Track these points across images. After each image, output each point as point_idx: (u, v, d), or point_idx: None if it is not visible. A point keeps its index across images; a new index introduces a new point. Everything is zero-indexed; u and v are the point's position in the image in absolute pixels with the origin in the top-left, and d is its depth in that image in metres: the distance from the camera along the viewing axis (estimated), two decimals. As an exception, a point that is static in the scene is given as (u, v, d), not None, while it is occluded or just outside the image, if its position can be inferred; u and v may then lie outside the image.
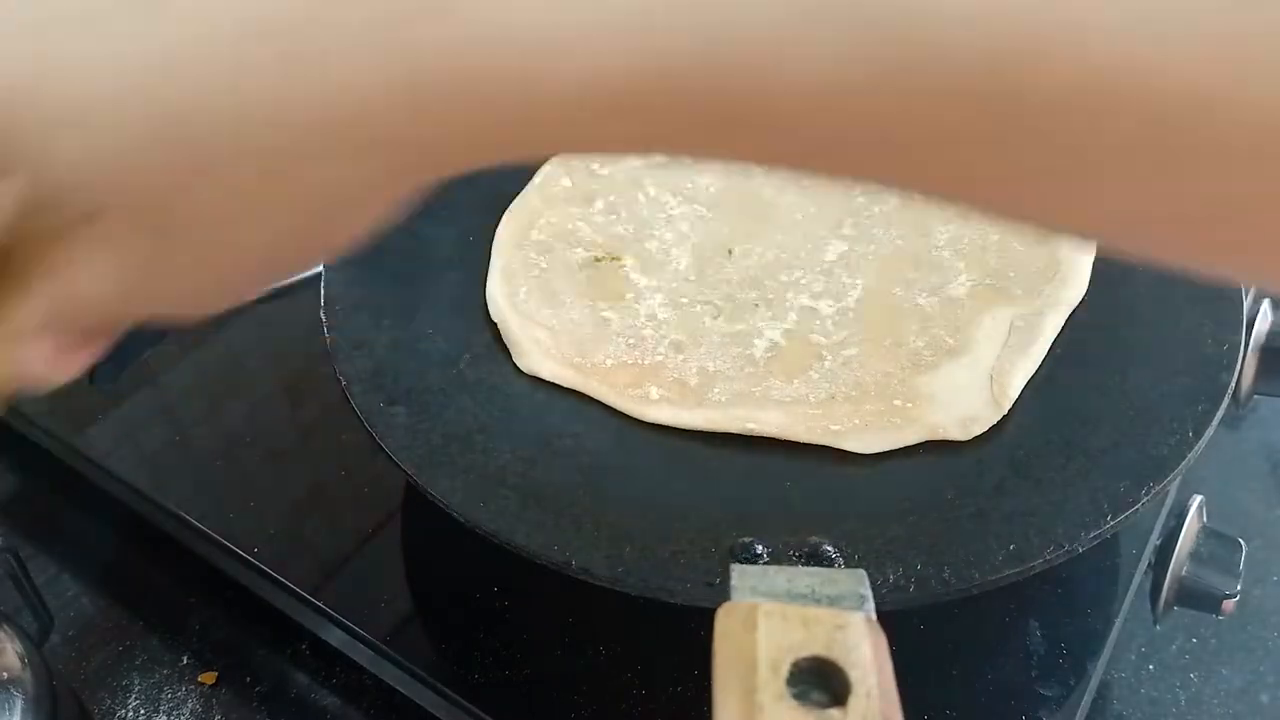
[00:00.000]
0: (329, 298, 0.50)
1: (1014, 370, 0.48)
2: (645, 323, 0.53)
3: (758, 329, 0.52)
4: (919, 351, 0.50)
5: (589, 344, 0.52)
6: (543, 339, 0.51)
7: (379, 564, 0.50)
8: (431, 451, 0.44)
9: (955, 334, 0.51)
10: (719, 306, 0.54)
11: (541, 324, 0.52)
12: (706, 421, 0.48)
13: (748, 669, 0.28)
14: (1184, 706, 0.51)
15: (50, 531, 0.58)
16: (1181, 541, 0.49)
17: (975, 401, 0.47)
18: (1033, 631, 0.46)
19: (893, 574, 0.38)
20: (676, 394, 0.49)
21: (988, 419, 0.47)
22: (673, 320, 0.53)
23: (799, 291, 0.54)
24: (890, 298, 0.53)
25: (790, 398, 0.49)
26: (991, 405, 0.47)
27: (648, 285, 0.55)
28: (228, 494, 0.54)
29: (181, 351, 0.63)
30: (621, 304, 0.54)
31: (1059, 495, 0.41)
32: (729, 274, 0.55)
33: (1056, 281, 0.52)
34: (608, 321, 0.53)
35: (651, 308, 0.54)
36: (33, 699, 0.43)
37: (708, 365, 0.51)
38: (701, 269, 0.56)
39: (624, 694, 0.45)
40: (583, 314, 0.53)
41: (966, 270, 0.54)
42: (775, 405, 0.48)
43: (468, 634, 0.47)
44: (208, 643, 0.52)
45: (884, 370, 0.50)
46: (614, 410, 0.49)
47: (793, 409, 0.48)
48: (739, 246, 0.57)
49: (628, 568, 0.39)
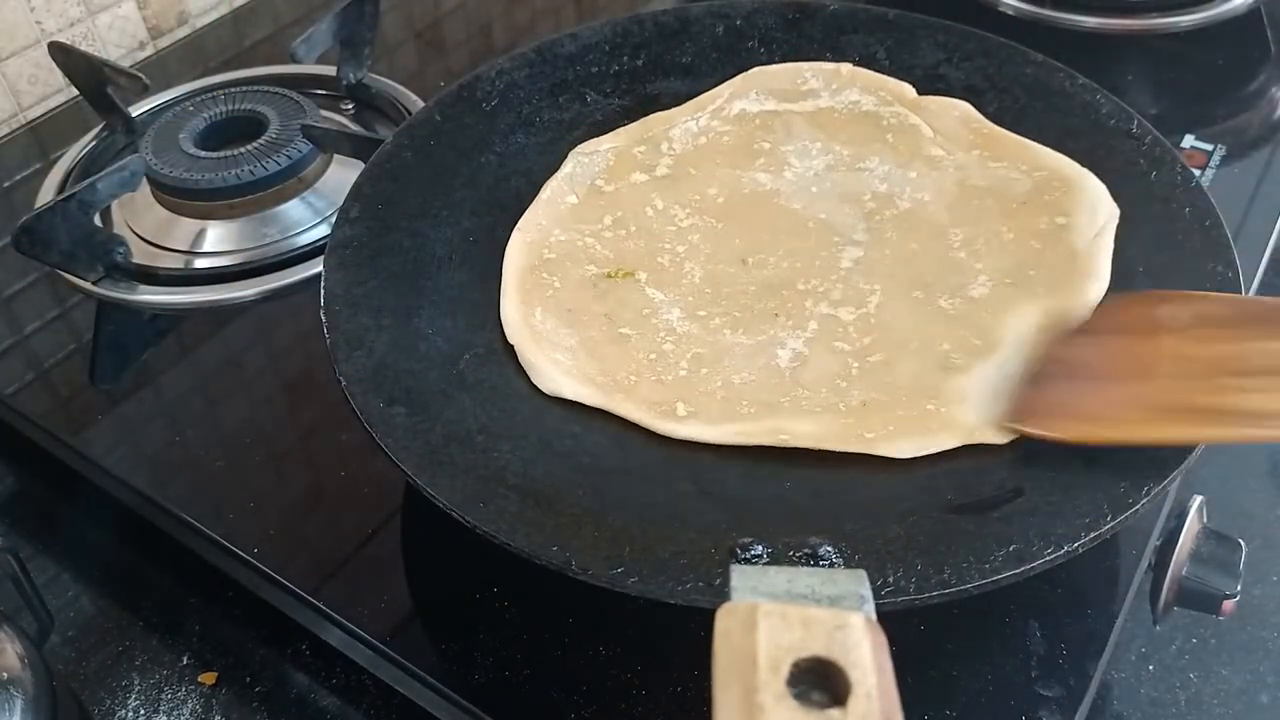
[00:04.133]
0: (329, 298, 0.50)
1: None
2: (665, 337, 0.52)
3: (779, 339, 0.51)
4: (947, 354, 0.50)
5: (611, 362, 0.51)
6: (562, 360, 0.50)
7: (379, 564, 0.50)
8: (431, 451, 0.44)
9: (982, 335, 0.50)
10: (738, 318, 0.53)
11: (560, 344, 0.51)
12: (737, 436, 0.47)
13: (748, 669, 0.28)
14: (1184, 706, 0.51)
15: (50, 531, 0.58)
16: (1181, 542, 0.49)
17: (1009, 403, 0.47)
18: (1033, 631, 0.46)
19: (893, 574, 0.38)
20: (704, 409, 0.48)
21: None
22: (693, 334, 0.52)
23: (818, 300, 0.53)
24: (911, 301, 0.52)
25: (820, 407, 0.48)
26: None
27: (663, 299, 0.54)
28: (228, 494, 0.54)
29: (181, 351, 0.63)
30: (639, 319, 0.53)
31: (1059, 495, 0.41)
32: (745, 285, 0.54)
33: (1078, 278, 0.51)
34: (627, 338, 0.52)
35: (669, 322, 0.53)
36: (32, 699, 0.43)
37: (733, 378, 0.50)
38: (716, 281, 0.55)
39: (624, 694, 0.45)
40: (601, 331, 0.52)
41: (985, 270, 0.53)
42: (806, 415, 0.48)
43: (468, 634, 0.47)
44: (208, 643, 0.52)
45: (913, 374, 0.49)
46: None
47: (823, 418, 0.47)
48: (753, 256, 0.56)
49: (628, 568, 0.39)
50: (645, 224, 0.58)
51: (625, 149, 0.62)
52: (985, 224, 0.56)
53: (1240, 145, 0.71)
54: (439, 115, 0.61)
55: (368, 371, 0.47)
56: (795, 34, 0.66)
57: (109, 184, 0.65)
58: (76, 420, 0.59)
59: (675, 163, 0.61)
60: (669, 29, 0.66)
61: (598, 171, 0.61)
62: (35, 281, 0.68)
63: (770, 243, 0.57)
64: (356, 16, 0.79)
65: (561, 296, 0.54)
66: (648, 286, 0.55)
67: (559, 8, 0.97)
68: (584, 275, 0.55)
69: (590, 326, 0.52)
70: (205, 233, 0.69)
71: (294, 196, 0.70)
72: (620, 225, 0.58)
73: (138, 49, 0.91)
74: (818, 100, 0.64)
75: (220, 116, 0.74)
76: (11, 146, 0.81)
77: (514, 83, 0.63)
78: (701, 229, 0.58)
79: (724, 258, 0.56)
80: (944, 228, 0.56)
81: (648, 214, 0.59)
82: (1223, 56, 0.80)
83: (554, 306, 0.53)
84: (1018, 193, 0.57)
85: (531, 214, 0.58)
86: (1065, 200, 0.56)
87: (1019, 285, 0.52)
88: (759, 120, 0.63)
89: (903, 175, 0.59)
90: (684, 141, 0.62)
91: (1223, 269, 0.48)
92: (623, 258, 0.56)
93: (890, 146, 0.61)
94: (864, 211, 0.58)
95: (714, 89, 0.65)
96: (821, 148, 0.62)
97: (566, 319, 0.53)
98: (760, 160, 0.61)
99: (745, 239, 0.57)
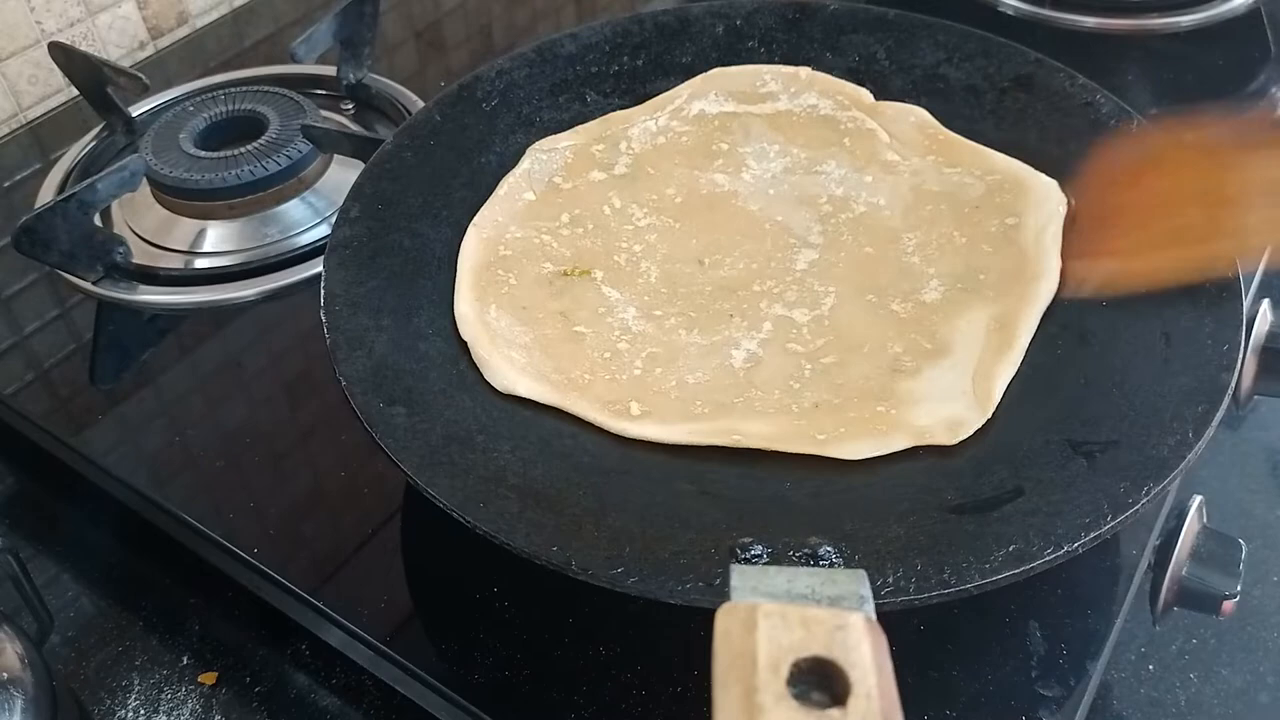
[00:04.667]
0: (329, 298, 0.50)
1: (996, 372, 0.48)
2: (620, 336, 0.52)
3: (734, 340, 0.52)
4: (898, 357, 0.50)
5: (566, 360, 0.50)
6: (516, 357, 0.50)
7: (379, 564, 0.50)
8: (431, 451, 0.44)
9: (932, 338, 0.51)
10: (693, 318, 0.53)
11: (514, 342, 0.51)
12: (690, 435, 0.47)
13: (748, 669, 0.28)
14: (1184, 706, 0.51)
15: (50, 531, 0.58)
16: (1181, 541, 0.50)
17: (959, 405, 0.47)
18: (1033, 631, 0.46)
19: (893, 574, 0.38)
20: (658, 408, 0.48)
21: (973, 422, 0.46)
22: (648, 333, 0.52)
23: (773, 301, 0.53)
24: (864, 305, 0.53)
25: (773, 408, 0.48)
26: (976, 408, 0.47)
27: (619, 298, 0.54)
28: (228, 494, 0.54)
29: (181, 351, 0.63)
30: (594, 318, 0.53)
31: (1059, 495, 0.41)
32: (701, 285, 0.54)
33: (1027, 279, 0.52)
34: (582, 336, 0.52)
35: (625, 321, 0.53)
36: (32, 699, 0.43)
37: (687, 378, 0.50)
38: (672, 280, 0.55)
39: (624, 694, 0.45)
40: (556, 330, 0.52)
41: (937, 275, 0.54)
42: (759, 416, 0.48)
43: (468, 634, 0.47)
44: (208, 643, 0.52)
45: (864, 376, 0.49)
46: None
47: (776, 419, 0.48)
48: (709, 257, 0.56)
49: (628, 568, 0.39)
50: (603, 222, 0.58)
51: (584, 146, 0.62)
52: (938, 228, 0.57)
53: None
54: (439, 115, 0.61)
55: (368, 371, 0.47)
56: (795, 34, 0.66)
57: (109, 184, 0.65)
58: (76, 420, 0.59)
59: (634, 162, 0.61)
60: (669, 29, 0.66)
61: (556, 168, 0.61)
62: (35, 281, 0.68)
63: (727, 244, 0.57)
64: (356, 16, 0.79)
65: (517, 294, 0.54)
66: (604, 285, 0.54)
67: (559, 8, 0.97)
68: (540, 273, 0.55)
69: (545, 324, 0.52)
70: (205, 233, 0.69)
71: (294, 196, 0.70)
72: (577, 223, 0.58)
73: (138, 49, 0.91)
74: (776, 103, 0.64)
75: (220, 116, 0.74)
76: (11, 146, 0.81)
77: (514, 83, 0.63)
78: (659, 228, 0.58)
79: (680, 258, 0.56)
80: (898, 232, 0.57)
81: (605, 212, 0.58)
82: (1223, 56, 0.80)
83: (509, 304, 0.53)
84: (971, 197, 0.58)
85: (488, 210, 0.58)
86: (1016, 201, 0.57)
87: (969, 290, 0.53)
88: (718, 121, 0.63)
89: (859, 179, 0.60)
90: (643, 141, 0.62)
91: (1223, 268, 0.48)
92: (579, 256, 0.56)
93: (847, 151, 0.61)
94: (820, 214, 0.58)
95: (672, 89, 0.64)
96: (779, 150, 0.62)
97: (521, 316, 0.52)
98: (718, 161, 0.61)
99: (702, 239, 0.57)
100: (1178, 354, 0.46)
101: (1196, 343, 0.46)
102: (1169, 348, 0.46)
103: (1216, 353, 0.45)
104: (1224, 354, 0.45)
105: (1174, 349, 0.46)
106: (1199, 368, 0.45)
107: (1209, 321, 0.46)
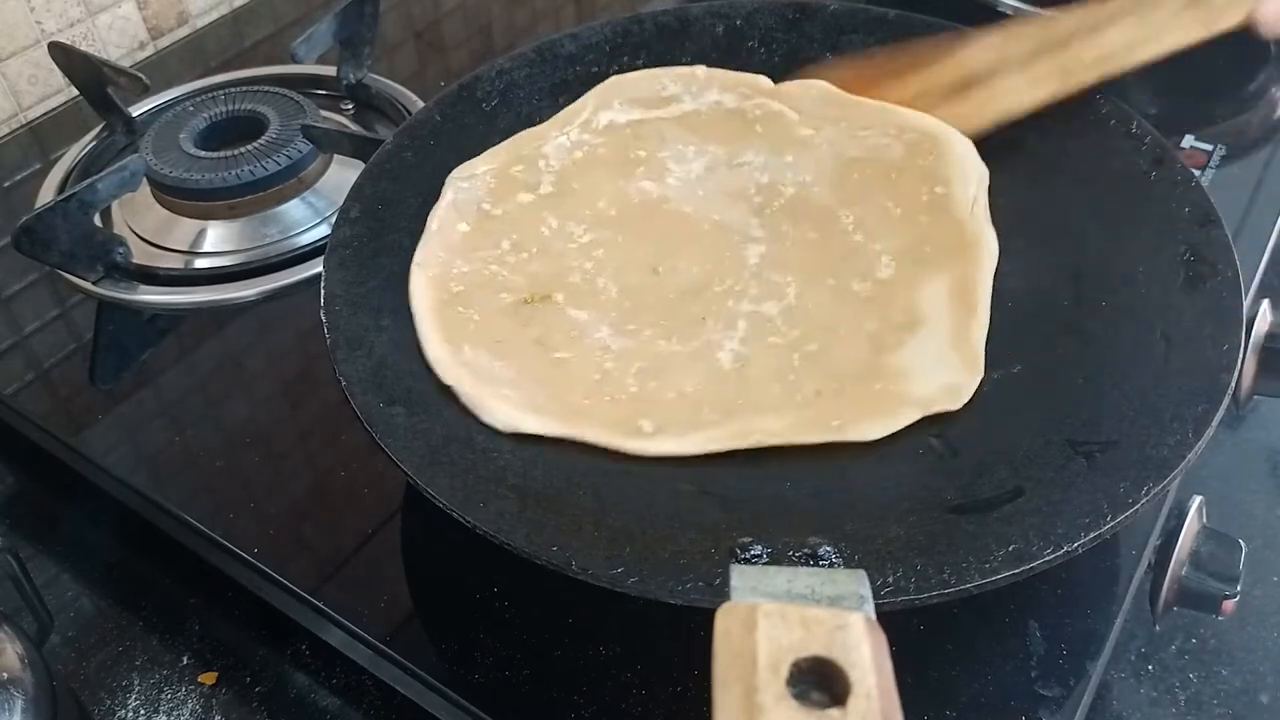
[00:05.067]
0: (329, 298, 0.50)
1: (972, 334, 0.49)
2: (603, 356, 0.50)
3: (715, 342, 0.51)
4: (877, 333, 0.51)
5: (558, 388, 0.49)
6: (510, 394, 0.48)
7: (379, 564, 0.50)
8: (431, 451, 0.44)
9: (902, 312, 0.51)
10: (666, 327, 0.52)
11: (499, 378, 0.49)
12: (708, 443, 0.46)
13: (748, 669, 0.28)
14: (1184, 706, 0.51)
15: (50, 531, 0.58)
16: (1181, 541, 0.50)
17: (949, 371, 0.48)
18: (1033, 631, 0.46)
19: (893, 574, 0.38)
20: (668, 422, 0.47)
21: (969, 385, 0.47)
22: (629, 349, 0.51)
23: (738, 298, 0.53)
24: (827, 289, 0.53)
25: (778, 402, 0.48)
26: (966, 370, 0.48)
27: (588, 319, 0.52)
28: (228, 494, 0.54)
29: (181, 351, 0.63)
30: (570, 342, 0.51)
31: (1059, 495, 0.41)
32: (662, 293, 0.54)
33: (968, 246, 0.54)
34: (564, 362, 0.50)
35: (601, 340, 0.51)
36: (32, 699, 0.43)
37: (684, 388, 0.49)
38: (633, 293, 0.54)
39: (624, 694, 0.45)
40: (536, 359, 0.50)
41: (885, 251, 0.55)
42: (768, 412, 0.47)
43: (468, 634, 0.47)
44: (208, 643, 0.52)
45: (851, 359, 0.50)
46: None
47: (785, 413, 0.47)
48: (661, 265, 0.55)
49: (628, 568, 0.39)
50: (545, 244, 0.56)
51: (503, 169, 0.60)
52: (872, 200, 0.57)
53: (1240, 145, 0.71)
54: (439, 115, 0.61)
55: (368, 371, 0.47)
56: (795, 34, 0.66)
57: (109, 184, 0.65)
58: (76, 420, 0.59)
59: (557, 179, 0.60)
60: (669, 29, 0.66)
61: (481, 195, 0.58)
62: (35, 281, 0.68)
63: (674, 249, 0.56)
64: (356, 16, 0.79)
65: (485, 329, 0.51)
66: (568, 308, 0.53)
67: (559, 8, 0.97)
68: (501, 304, 0.53)
69: (524, 355, 0.50)
70: (205, 233, 0.69)
71: (294, 196, 0.70)
72: (520, 248, 0.56)
73: (138, 49, 0.91)
74: (681, 105, 0.64)
75: (220, 116, 0.74)
76: (11, 146, 0.81)
77: (514, 83, 0.63)
78: (603, 243, 0.57)
79: (633, 269, 0.55)
80: (833, 209, 0.57)
81: (544, 234, 0.57)
82: (1223, 56, 0.80)
83: (481, 340, 0.51)
84: (892, 159, 0.59)
85: (426, 247, 0.55)
86: (939, 166, 0.58)
87: (919, 261, 0.54)
88: (629, 130, 0.63)
89: (780, 162, 0.60)
90: (560, 157, 0.61)
91: (1223, 269, 0.48)
92: (534, 282, 0.54)
93: (761, 137, 0.62)
94: (753, 206, 0.58)
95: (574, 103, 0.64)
96: (696, 150, 0.62)
97: (497, 350, 0.50)
98: (640, 169, 0.61)
99: (648, 248, 0.56)
100: (1178, 354, 0.46)
101: (1196, 343, 0.46)
102: (1169, 348, 0.46)
103: (1216, 353, 0.45)
104: (1224, 354, 0.45)
105: (1174, 349, 0.46)
106: (1199, 368, 0.44)
107: (1209, 321, 0.46)
